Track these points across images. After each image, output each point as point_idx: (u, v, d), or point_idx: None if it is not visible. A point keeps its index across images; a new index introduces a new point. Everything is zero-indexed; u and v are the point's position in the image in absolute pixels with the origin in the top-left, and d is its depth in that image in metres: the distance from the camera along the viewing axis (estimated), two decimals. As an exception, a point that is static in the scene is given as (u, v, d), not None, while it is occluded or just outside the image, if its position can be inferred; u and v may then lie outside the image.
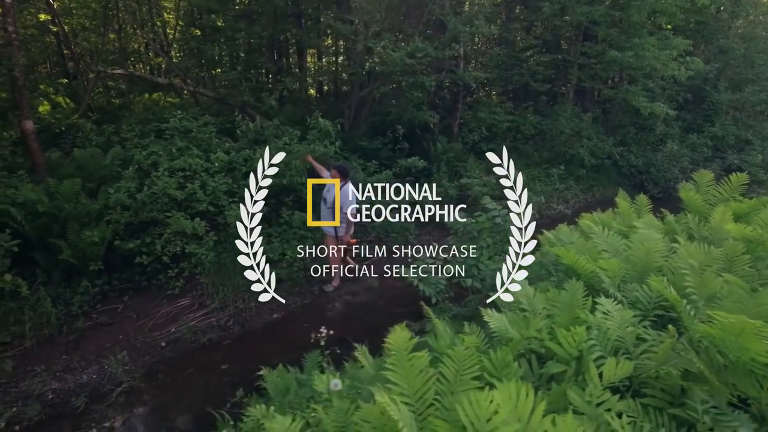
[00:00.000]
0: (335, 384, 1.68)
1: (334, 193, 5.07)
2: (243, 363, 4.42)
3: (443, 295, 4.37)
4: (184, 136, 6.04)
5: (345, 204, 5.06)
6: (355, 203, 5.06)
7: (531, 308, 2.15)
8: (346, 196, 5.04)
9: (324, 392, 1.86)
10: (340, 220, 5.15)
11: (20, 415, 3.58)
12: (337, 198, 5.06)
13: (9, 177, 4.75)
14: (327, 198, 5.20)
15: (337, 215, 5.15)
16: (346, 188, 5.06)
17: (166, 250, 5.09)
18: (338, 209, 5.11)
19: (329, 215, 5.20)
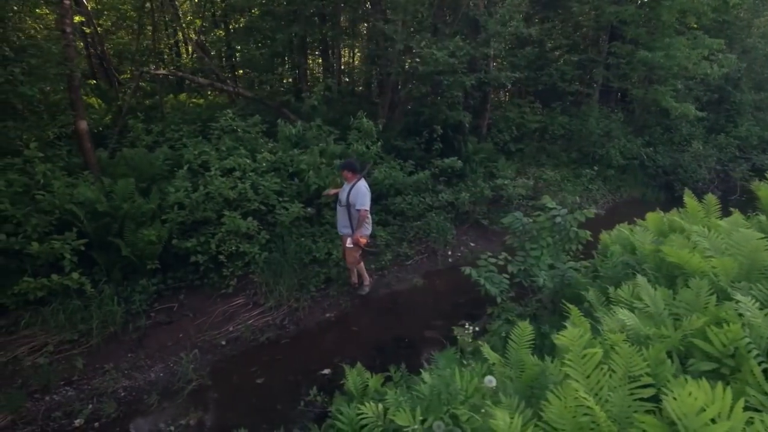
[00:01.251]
0: (490, 380, 1.67)
1: (347, 191, 4.89)
2: (304, 361, 4.42)
3: (506, 294, 4.35)
4: (230, 136, 6.06)
5: (357, 200, 4.82)
6: (369, 200, 4.88)
7: (655, 307, 2.13)
8: (358, 192, 4.82)
9: (462, 390, 1.85)
10: (352, 218, 4.94)
11: (98, 412, 3.60)
12: (349, 195, 4.85)
13: (68, 177, 4.77)
14: (341, 197, 5.00)
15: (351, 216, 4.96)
16: (358, 185, 4.86)
17: (221, 249, 5.10)
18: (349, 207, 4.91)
19: (344, 215, 5.01)
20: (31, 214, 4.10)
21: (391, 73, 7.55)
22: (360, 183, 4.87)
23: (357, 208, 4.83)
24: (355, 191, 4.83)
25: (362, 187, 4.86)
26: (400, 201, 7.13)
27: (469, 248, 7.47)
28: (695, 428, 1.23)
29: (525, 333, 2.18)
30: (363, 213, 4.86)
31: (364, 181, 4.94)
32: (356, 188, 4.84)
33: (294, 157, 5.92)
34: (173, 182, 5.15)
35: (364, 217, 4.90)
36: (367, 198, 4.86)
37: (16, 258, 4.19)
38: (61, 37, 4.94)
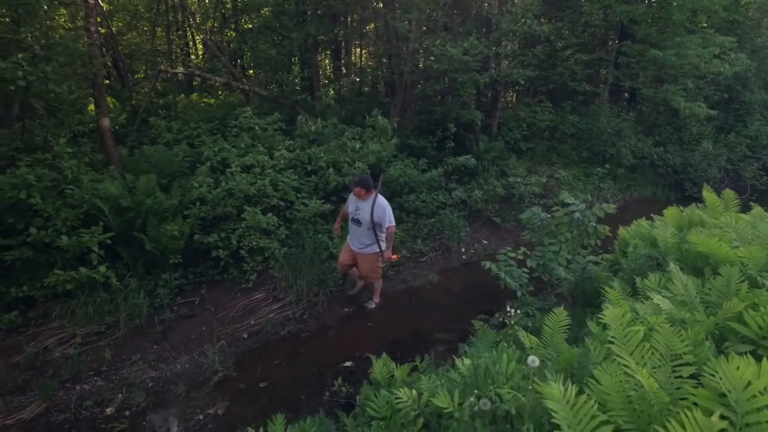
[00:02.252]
0: (533, 360, 1.73)
1: (368, 210, 4.55)
2: (326, 354, 4.49)
3: (526, 288, 4.39)
4: (247, 134, 6.14)
5: (384, 219, 4.55)
6: (392, 215, 4.63)
7: (687, 294, 2.18)
8: (382, 211, 4.54)
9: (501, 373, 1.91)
10: (378, 236, 4.67)
11: (128, 401, 3.68)
12: (372, 215, 4.53)
13: (93, 173, 4.85)
14: (361, 218, 4.63)
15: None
16: (379, 201, 4.56)
17: (242, 244, 5.18)
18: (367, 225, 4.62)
19: (369, 235, 4.68)
20: (61, 208, 4.18)
21: (404, 72, 7.61)
22: (380, 200, 4.60)
23: (386, 226, 4.59)
24: (379, 209, 4.54)
25: (384, 204, 4.59)
26: (414, 198, 7.19)
27: (482, 245, 7.52)
28: (744, 400, 1.28)
29: (560, 318, 2.24)
30: (392, 230, 4.64)
31: (381, 197, 4.67)
32: (378, 205, 4.54)
33: (313, 154, 5.99)
34: (196, 178, 5.23)
35: (392, 234, 4.69)
36: (391, 213, 4.63)
37: (44, 251, 4.28)
38: (86, 36, 5.03)
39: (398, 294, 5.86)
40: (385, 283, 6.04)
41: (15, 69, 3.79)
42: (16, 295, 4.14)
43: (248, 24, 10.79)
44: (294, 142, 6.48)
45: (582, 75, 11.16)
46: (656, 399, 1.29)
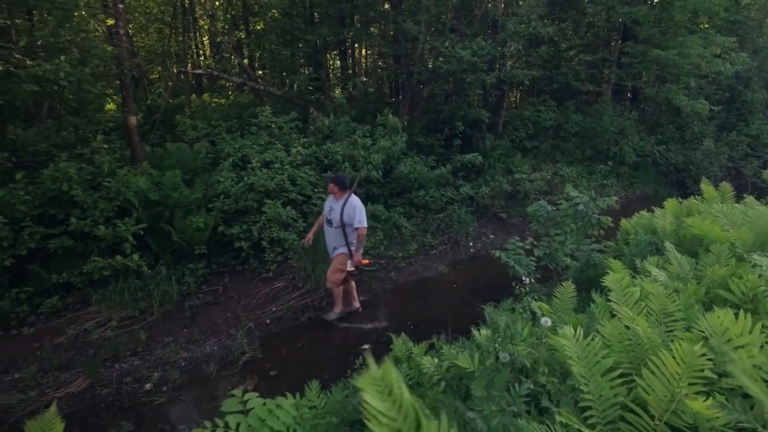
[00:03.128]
0: (546, 321, 2.00)
1: (339, 210, 4.42)
2: (344, 338, 4.77)
3: (534, 276, 4.66)
4: (266, 132, 6.42)
5: (354, 218, 4.38)
6: (365, 216, 4.47)
7: (681, 268, 2.45)
8: (353, 210, 4.39)
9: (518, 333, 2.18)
10: (349, 239, 4.50)
11: (165, 378, 3.97)
12: (342, 214, 4.39)
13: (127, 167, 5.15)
14: (332, 218, 4.48)
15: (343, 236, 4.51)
16: (351, 201, 4.43)
17: (263, 236, 5.47)
18: (341, 226, 4.46)
19: (338, 237, 4.52)
20: (98, 200, 4.47)
21: (413, 72, 7.89)
22: (353, 199, 4.45)
23: (356, 226, 4.41)
24: (349, 208, 4.39)
25: (356, 203, 4.43)
26: (424, 194, 7.46)
27: (489, 240, 7.79)
28: (723, 342, 1.56)
29: (569, 290, 2.51)
30: (362, 231, 4.45)
31: (355, 196, 4.52)
32: (350, 205, 4.40)
33: (329, 149, 6.27)
34: (219, 173, 5.51)
35: (363, 236, 4.51)
36: (364, 214, 4.46)
37: (82, 241, 4.57)
38: (116, 39, 5.33)
39: (410, 284, 6.13)
40: (397, 274, 6.33)
41: (58, 71, 4.08)
42: (57, 281, 4.43)
43: (258, 25, 11.12)
44: (309, 139, 6.76)
45: (585, 75, 11.42)
46: (649, 341, 1.56)
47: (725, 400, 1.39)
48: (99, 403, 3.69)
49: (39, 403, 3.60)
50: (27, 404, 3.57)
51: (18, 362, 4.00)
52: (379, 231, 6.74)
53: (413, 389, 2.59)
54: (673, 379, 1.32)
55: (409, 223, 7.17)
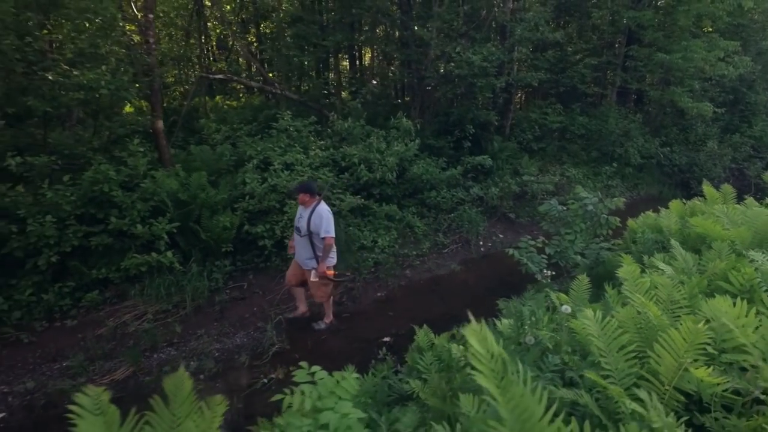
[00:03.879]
0: (566, 308, 2.26)
1: (306, 218, 4.28)
2: (366, 332, 5.04)
3: (548, 272, 4.91)
4: (285, 135, 6.70)
5: (320, 227, 4.22)
6: (333, 225, 4.30)
7: (685, 263, 2.70)
8: (320, 218, 4.24)
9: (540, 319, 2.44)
10: (315, 248, 4.35)
11: (201, 367, 4.24)
12: (309, 222, 4.24)
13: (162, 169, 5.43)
14: (300, 226, 4.36)
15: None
16: (319, 209, 4.28)
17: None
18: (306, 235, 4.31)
19: (307, 246, 4.37)
20: (136, 200, 4.76)
21: (424, 77, 8.15)
22: (320, 207, 4.30)
23: (322, 236, 4.24)
24: (316, 217, 4.25)
25: (324, 212, 4.28)
26: (435, 195, 7.72)
27: (498, 239, 8.05)
28: (722, 322, 1.82)
29: (583, 282, 2.77)
30: (329, 241, 4.28)
31: (324, 205, 4.37)
32: (317, 213, 4.26)
33: (347, 152, 6.54)
34: (245, 175, 5.78)
35: (330, 246, 4.32)
36: (331, 223, 4.29)
37: (119, 239, 4.86)
38: (146, 47, 5.61)
39: (424, 281, 6.40)
40: (412, 271, 6.60)
41: (99, 79, 4.37)
42: (96, 276, 4.72)
43: (268, 29, 11.41)
44: (325, 141, 7.03)
45: (590, 78, 11.66)
46: (659, 323, 1.82)
47: (723, 371, 1.65)
48: (143, 390, 3.97)
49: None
50: (79, 389, 3.84)
51: (65, 351, 4.29)
52: (393, 230, 7.01)
53: (443, 372, 2.86)
54: (680, 352, 1.58)
55: (421, 222, 7.44)
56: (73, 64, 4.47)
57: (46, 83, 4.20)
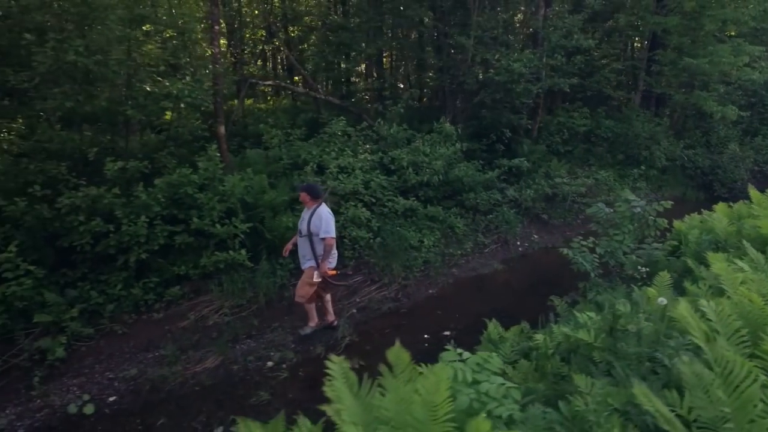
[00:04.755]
0: (662, 300, 2.55)
1: (307, 219, 4.41)
2: (425, 326, 5.35)
3: (597, 271, 5.19)
4: (339, 139, 7.01)
5: (320, 228, 4.33)
6: (334, 226, 4.42)
7: (758, 262, 2.98)
8: (320, 220, 4.35)
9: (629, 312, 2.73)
10: (315, 248, 4.45)
11: (282, 357, 4.56)
12: (309, 223, 4.37)
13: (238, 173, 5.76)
14: (301, 227, 4.49)
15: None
16: (320, 210, 4.39)
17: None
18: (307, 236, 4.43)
19: (306, 247, 4.49)
20: (215, 201, 5.09)
21: (462, 82, 8.44)
22: (321, 209, 4.41)
23: (322, 236, 4.35)
24: (316, 218, 4.36)
25: (324, 213, 4.40)
26: (474, 197, 8.00)
27: (534, 239, 8.33)
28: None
29: (665, 278, 3.05)
30: (329, 241, 4.38)
31: (325, 207, 4.49)
32: (317, 215, 4.36)
33: (395, 156, 6.85)
34: (308, 178, 6.09)
35: (331, 246, 4.42)
36: (332, 224, 4.40)
37: (197, 237, 5.19)
38: (214, 57, 5.95)
39: (470, 279, 6.70)
40: (458, 270, 6.90)
41: (184, 88, 4.70)
42: (176, 273, 5.06)
43: (294, 32, 11.73)
44: (373, 145, 7.34)
45: (615, 81, 11.91)
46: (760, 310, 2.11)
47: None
48: (233, 377, 4.30)
49: (186, 375, 4.21)
50: (176, 376, 4.18)
51: (155, 342, 4.63)
52: (436, 231, 7.31)
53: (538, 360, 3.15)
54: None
55: (461, 223, 7.73)
56: (163, 75, 4.81)
57: (142, 93, 4.54)
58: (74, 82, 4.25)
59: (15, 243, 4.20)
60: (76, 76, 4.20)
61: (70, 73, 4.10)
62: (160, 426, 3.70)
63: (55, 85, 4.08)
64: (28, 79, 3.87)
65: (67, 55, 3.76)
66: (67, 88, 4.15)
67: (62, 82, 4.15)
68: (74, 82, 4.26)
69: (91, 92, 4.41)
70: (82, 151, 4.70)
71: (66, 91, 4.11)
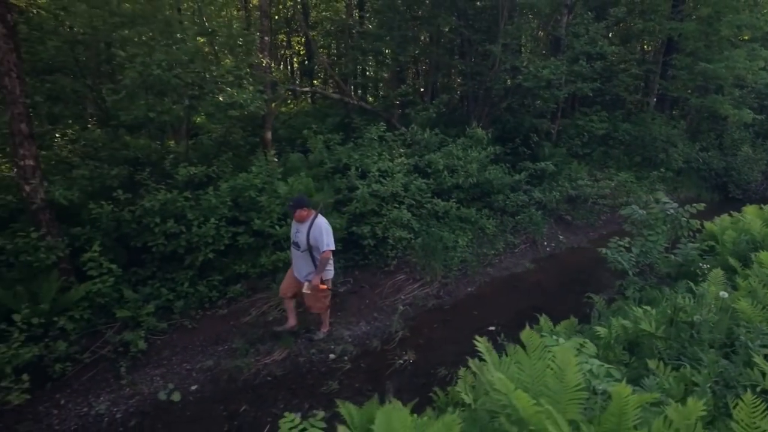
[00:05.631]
0: (723, 294, 2.85)
1: (305, 231, 4.30)
2: (469, 322, 5.64)
3: (634, 270, 5.49)
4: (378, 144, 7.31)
5: (321, 241, 4.26)
6: (332, 238, 4.37)
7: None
8: (319, 232, 4.27)
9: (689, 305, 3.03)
10: (314, 262, 4.40)
11: (343, 350, 4.87)
12: (308, 237, 4.28)
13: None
14: (299, 241, 4.38)
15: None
16: (318, 222, 4.32)
17: (386, 234, 6.36)
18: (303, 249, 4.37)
19: (307, 261, 4.43)
20: (275, 204, 5.40)
21: (489, 88, 8.74)
22: (319, 220, 4.33)
23: (323, 249, 4.28)
24: (316, 231, 4.26)
25: (323, 225, 4.32)
26: (502, 198, 8.30)
27: (560, 240, 8.63)
28: None
29: (718, 276, 3.35)
30: (327, 254, 4.33)
31: (322, 218, 4.41)
32: (316, 227, 4.27)
33: (431, 159, 7.16)
34: (355, 181, 6.38)
35: (327, 258, 4.39)
36: (332, 236, 4.34)
37: (257, 238, 5.50)
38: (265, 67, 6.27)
39: (505, 278, 7.00)
40: (492, 269, 7.20)
41: (248, 98, 5.02)
42: (237, 271, 5.37)
43: (315, 35, 12.04)
44: (407, 149, 7.64)
45: (632, 85, 12.20)
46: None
47: None
48: (300, 368, 4.61)
49: (258, 366, 4.52)
50: (249, 368, 4.49)
51: (222, 336, 4.95)
52: (468, 231, 7.60)
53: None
54: None
55: (489, 224, 8.03)
56: (230, 86, 5.13)
57: (213, 104, 4.86)
58: (153, 94, 4.58)
59: (98, 243, 4.52)
60: (155, 88, 4.52)
61: (151, 85, 4.43)
62: (242, 412, 4.01)
63: (137, 98, 4.40)
64: (116, 92, 4.19)
65: (152, 70, 4.10)
66: (150, 99, 4.47)
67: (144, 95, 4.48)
68: (153, 94, 4.58)
69: (166, 103, 4.72)
70: (156, 157, 5.02)
71: (149, 102, 4.43)
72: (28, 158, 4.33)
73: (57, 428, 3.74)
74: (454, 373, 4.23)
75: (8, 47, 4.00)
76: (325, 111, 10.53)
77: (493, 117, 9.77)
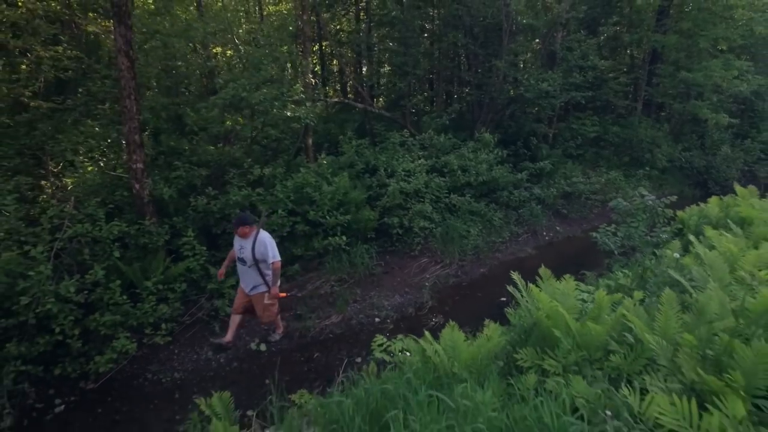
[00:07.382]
0: (677, 255, 4.04)
1: (249, 247, 4.52)
2: (484, 295, 6.83)
3: (619, 250, 6.70)
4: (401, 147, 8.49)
5: (267, 254, 4.51)
6: (276, 249, 4.62)
7: (736, 231, 4.48)
8: (264, 247, 4.52)
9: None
10: (264, 274, 4.64)
11: (385, 316, 6.05)
12: (254, 252, 4.50)
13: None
14: (244, 257, 4.57)
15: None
16: (260, 238, 4.55)
17: (412, 224, 7.53)
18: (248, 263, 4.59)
19: (255, 275, 4.65)
20: (326, 198, 6.56)
21: (494, 97, 9.95)
22: (261, 235, 4.56)
23: (270, 261, 4.53)
24: (260, 246, 4.50)
25: (266, 239, 4.55)
26: (507, 194, 9.49)
27: (557, 230, 9.84)
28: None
29: (675, 245, 4.54)
30: (277, 265, 4.61)
31: (264, 232, 4.66)
32: (260, 242, 4.51)
33: (447, 160, 8.35)
34: (388, 180, 7.54)
35: (278, 269, 4.67)
36: (275, 248, 4.60)
37: (311, 227, 6.65)
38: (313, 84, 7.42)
39: (511, 261, 8.20)
40: (500, 254, 8.40)
41: (307, 112, 6.17)
42: (294, 254, 6.52)
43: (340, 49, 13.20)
44: (425, 152, 8.83)
45: (621, 92, 13.46)
46: (734, 254, 3.60)
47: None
48: (353, 328, 5.78)
49: (320, 327, 5.68)
50: (314, 327, 5.65)
51: (287, 306, 6.09)
52: (477, 223, 8.79)
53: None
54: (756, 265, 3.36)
55: (495, 216, 9.23)
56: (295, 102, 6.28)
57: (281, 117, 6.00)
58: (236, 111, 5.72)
59: (191, 230, 5.66)
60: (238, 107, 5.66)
61: (236, 105, 5.57)
62: (315, 358, 5.17)
63: (226, 115, 5.54)
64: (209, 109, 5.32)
65: (240, 92, 5.24)
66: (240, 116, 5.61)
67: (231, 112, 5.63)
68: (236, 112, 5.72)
69: (244, 118, 5.86)
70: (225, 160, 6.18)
71: (238, 119, 5.58)
72: (138, 162, 5.46)
73: (178, 368, 4.89)
74: (478, 329, 5.42)
75: (130, 76, 5.15)
76: (344, 117, 11.72)
77: (496, 122, 10.98)
